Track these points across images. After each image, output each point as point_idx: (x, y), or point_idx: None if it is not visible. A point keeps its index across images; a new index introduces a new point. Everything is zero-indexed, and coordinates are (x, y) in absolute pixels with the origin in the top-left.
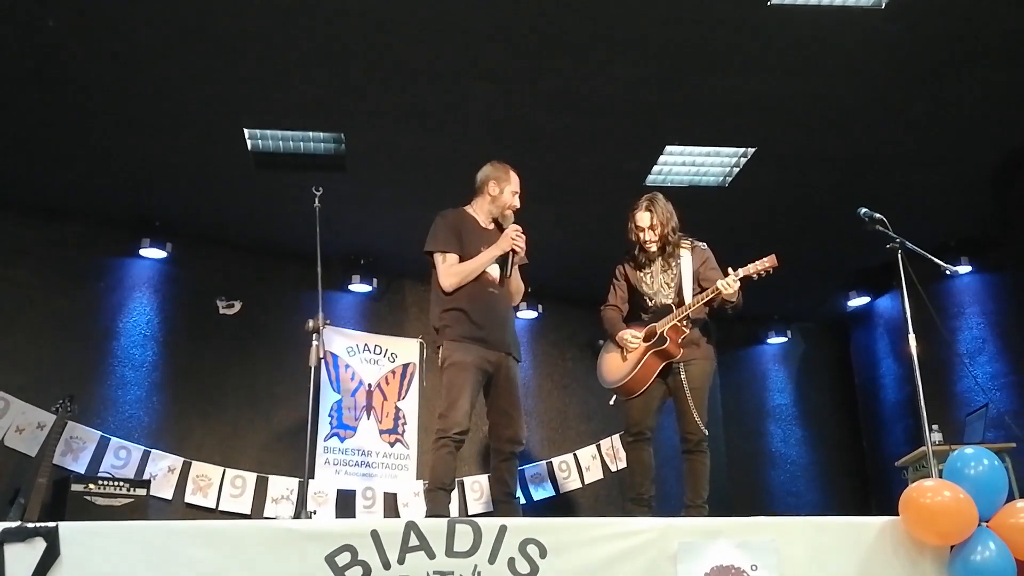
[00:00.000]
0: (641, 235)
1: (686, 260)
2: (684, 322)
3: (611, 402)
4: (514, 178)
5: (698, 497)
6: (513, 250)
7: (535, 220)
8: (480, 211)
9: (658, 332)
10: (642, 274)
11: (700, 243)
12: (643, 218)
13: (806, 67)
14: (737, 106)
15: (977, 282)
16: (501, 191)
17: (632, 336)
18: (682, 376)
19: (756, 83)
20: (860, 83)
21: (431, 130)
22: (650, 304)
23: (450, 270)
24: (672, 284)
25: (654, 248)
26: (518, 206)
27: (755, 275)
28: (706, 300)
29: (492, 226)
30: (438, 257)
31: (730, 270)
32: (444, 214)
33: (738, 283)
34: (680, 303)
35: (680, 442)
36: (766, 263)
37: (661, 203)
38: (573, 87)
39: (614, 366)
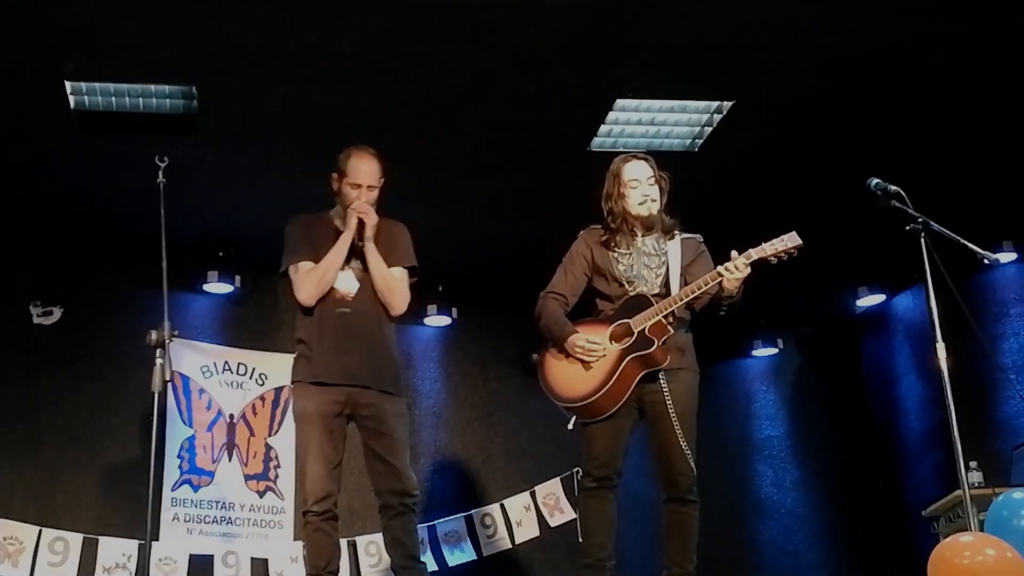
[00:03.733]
0: (631, 196)
1: (674, 249)
2: (670, 319)
3: (570, 426)
4: (355, 168)
5: (688, 562)
6: (360, 221)
7: (445, 195)
8: (338, 214)
9: (635, 331)
10: (616, 254)
11: (694, 234)
12: (638, 169)
13: None
14: (709, 47)
15: None
16: (340, 187)
17: (589, 343)
18: (664, 392)
19: (734, 15)
20: (866, 10)
21: (312, 79)
22: (622, 292)
23: (304, 277)
24: (659, 273)
25: (651, 212)
26: (360, 202)
27: (772, 259)
28: (700, 292)
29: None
30: (291, 270)
31: (734, 253)
32: (293, 221)
33: (748, 269)
34: (666, 296)
35: (665, 487)
36: (787, 243)
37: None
38: (494, 20)
39: (573, 377)
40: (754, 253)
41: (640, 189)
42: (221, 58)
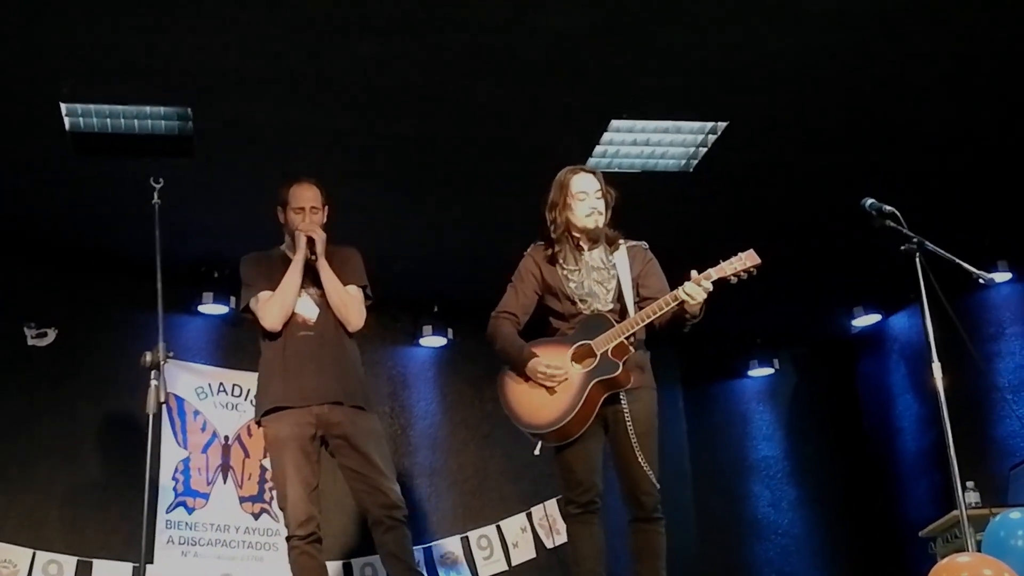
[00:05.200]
0: (578, 208)
1: (621, 259)
2: (631, 339)
3: (536, 452)
4: (296, 194)
5: None
6: (310, 239)
7: (440, 217)
8: (288, 245)
9: (598, 353)
10: (565, 271)
11: (637, 241)
12: (587, 181)
13: (795, 15)
14: (703, 68)
15: (1020, 294)
16: (285, 216)
17: (552, 368)
18: (625, 412)
19: (728, 37)
20: (865, 30)
21: (307, 102)
22: (575, 310)
23: (267, 304)
24: (610, 287)
25: (597, 225)
26: (306, 223)
27: (732, 278)
28: (661, 313)
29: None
30: (253, 303)
31: (694, 273)
32: (245, 258)
33: (706, 293)
34: (622, 311)
35: (629, 507)
36: (746, 262)
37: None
38: (488, 43)
39: (538, 403)
40: (714, 273)
41: (587, 202)
42: (216, 80)
